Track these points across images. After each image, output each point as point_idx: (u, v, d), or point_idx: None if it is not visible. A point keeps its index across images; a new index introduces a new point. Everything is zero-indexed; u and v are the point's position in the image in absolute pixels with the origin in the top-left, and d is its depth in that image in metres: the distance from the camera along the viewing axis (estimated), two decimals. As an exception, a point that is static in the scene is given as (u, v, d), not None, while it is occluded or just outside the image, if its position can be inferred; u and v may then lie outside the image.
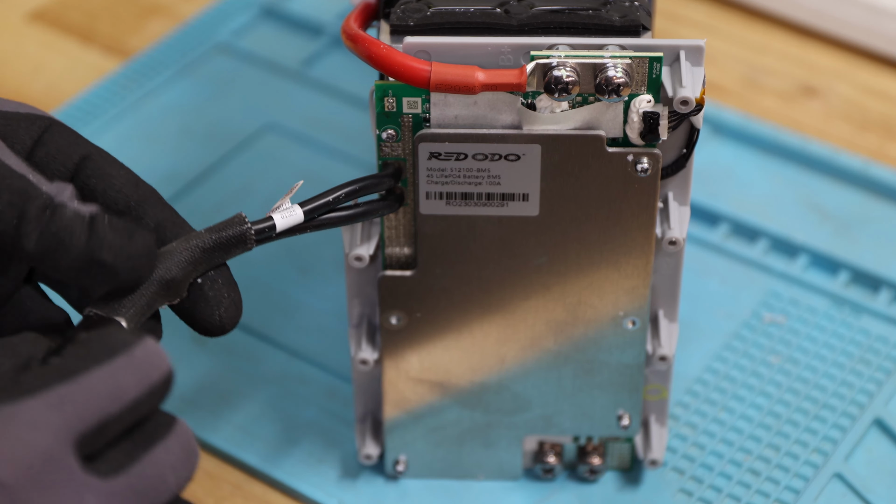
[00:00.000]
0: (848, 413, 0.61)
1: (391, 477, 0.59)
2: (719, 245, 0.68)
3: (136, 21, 0.81)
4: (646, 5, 0.51)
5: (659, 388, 0.57)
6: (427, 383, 0.56)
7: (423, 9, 0.50)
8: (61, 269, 0.43)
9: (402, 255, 0.53)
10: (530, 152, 0.50)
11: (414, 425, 0.57)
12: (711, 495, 0.58)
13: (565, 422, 0.57)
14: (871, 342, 0.64)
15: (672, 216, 0.52)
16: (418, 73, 0.48)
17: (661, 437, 0.58)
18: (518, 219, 0.52)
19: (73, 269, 0.43)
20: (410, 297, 0.54)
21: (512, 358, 0.55)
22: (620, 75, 0.48)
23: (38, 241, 0.43)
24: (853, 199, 0.71)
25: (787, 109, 0.75)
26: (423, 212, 0.52)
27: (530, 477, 0.59)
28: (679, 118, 0.50)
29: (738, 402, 0.62)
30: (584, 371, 0.55)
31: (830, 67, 0.78)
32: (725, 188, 0.71)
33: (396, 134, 0.50)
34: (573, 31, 0.50)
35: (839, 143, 0.73)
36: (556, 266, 0.53)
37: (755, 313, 0.65)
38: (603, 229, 0.52)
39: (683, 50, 0.50)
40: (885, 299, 0.66)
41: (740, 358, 0.64)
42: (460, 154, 0.50)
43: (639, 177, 0.51)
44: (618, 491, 0.59)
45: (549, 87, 0.48)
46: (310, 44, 0.79)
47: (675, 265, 0.54)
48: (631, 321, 0.54)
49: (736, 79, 0.77)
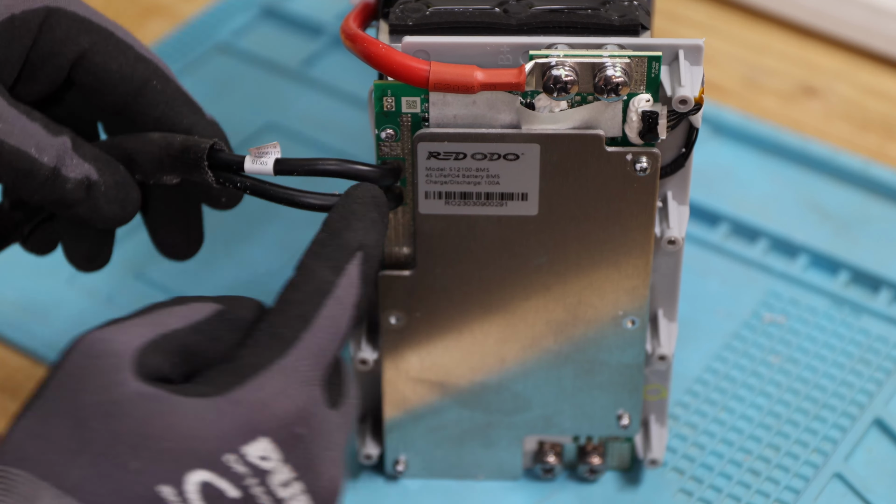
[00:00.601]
0: (848, 413, 0.61)
1: (391, 477, 0.59)
2: (719, 245, 0.68)
3: (136, 21, 0.81)
4: (645, 5, 0.51)
5: (659, 388, 0.57)
6: (427, 383, 0.56)
7: (421, 8, 0.50)
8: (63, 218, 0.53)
9: (402, 255, 0.53)
10: (529, 152, 0.50)
11: (414, 425, 0.57)
12: (711, 495, 0.58)
13: (565, 422, 0.57)
14: (871, 342, 0.64)
15: (671, 215, 0.52)
16: (417, 72, 0.48)
17: (661, 437, 0.58)
18: (517, 218, 0.52)
19: (72, 221, 0.53)
20: (410, 297, 0.54)
21: (512, 358, 0.55)
22: (619, 75, 0.48)
23: (42, 202, 0.50)
24: (853, 199, 0.71)
25: (787, 109, 0.75)
26: (422, 211, 0.52)
27: (530, 477, 0.59)
28: (678, 117, 0.50)
29: (738, 402, 0.62)
30: (584, 371, 0.55)
31: (830, 67, 0.78)
32: (725, 188, 0.71)
33: (395, 133, 0.50)
34: (572, 31, 0.50)
35: (839, 143, 0.73)
36: (555, 266, 0.53)
37: (755, 313, 0.65)
38: (602, 229, 0.52)
39: (682, 49, 0.50)
40: (885, 299, 0.66)
41: (740, 358, 0.64)
42: (459, 153, 0.50)
43: (638, 176, 0.51)
44: (618, 491, 0.59)
45: (548, 87, 0.48)
46: (310, 44, 0.79)
47: (674, 264, 0.54)
48: (630, 321, 0.54)
49: (736, 79, 0.77)
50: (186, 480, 0.41)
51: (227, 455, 0.42)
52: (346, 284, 0.45)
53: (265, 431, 0.42)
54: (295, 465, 0.43)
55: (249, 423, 0.42)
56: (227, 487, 0.42)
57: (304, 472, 0.43)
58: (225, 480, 0.42)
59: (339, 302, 0.45)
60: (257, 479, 0.42)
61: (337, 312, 0.45)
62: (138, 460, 0.41)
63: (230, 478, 0.42)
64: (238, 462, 0.42)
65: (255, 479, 0.42)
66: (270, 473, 0.42)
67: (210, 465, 0.42)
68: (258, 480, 0.42)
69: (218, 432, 0.42)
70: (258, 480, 0.42)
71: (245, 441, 0.42)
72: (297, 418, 0.43)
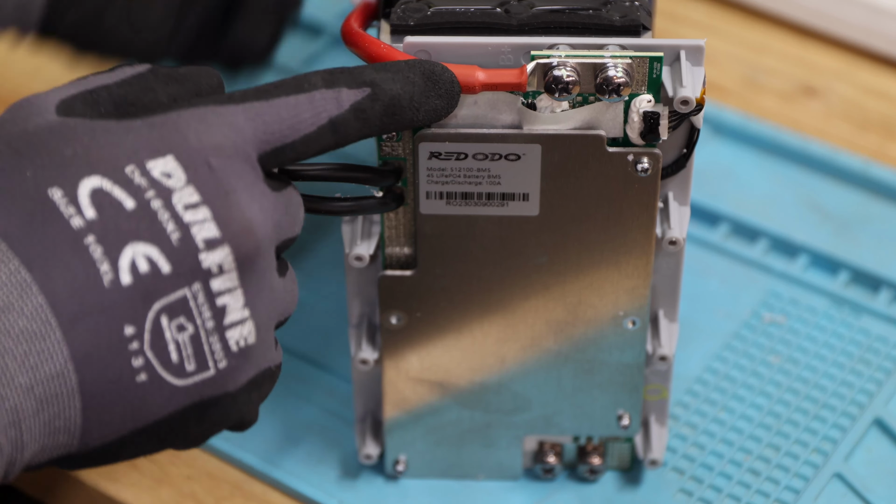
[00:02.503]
0: (848, 413, 0.61)
1: (391, 477, 0.59)
2: (719, 245, 0.68)
3: (135, 21, 0.81)
4: (646, 5, 0.51)
5: (659, 388, 0.57)
6: (427, 383, 0.56)
7: (423, 8, 0.50)
8: None
9: (402, 255, 0.53)
10: (530, 152, 0.50)
11: (414, 425, 0.57)
12: (711, 495, 0.58)
13: (565, 422, 0.57)
14: (871, 342, 0.64)
15: (672, 216, 0.52)
16: (418, 72, 0.48)
17: (661, 437, 0.58)
18: (518, 218, 0.52)
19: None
20: (410, 297, 0.54)
21: (512, 358, 0.55)
22: (621, 75, 0.48)
23: None
24: (853, 199, 0.71)
25: (787, 109, 0.75)
26: (423, 211, 0.52)
27: (530, 477, 0.59)
28: (679, 118, 0.50)
29: (738, 402, 0.62)
30: (585, 371, 0.55)
31: (830, 67, 0.78)
32: (725, 188, 0.71)
33: (396, 133, 0.50)
34: (573, 31, 0.50)
35: (839, 143, 0.73)
36: (556, 266, 0.53)
37: (755, 313, 0.65)
38: (603, 229, 0.52)
39: (684, 50, 0.50)
40: (885, 299, 0.66)
41: (740, 358, 0.64)
42: (460, 154, 0.50)
43: (639, 177, 0.51)
44: (618, 491, 0.59)
45: (550, 87, 0.48)
46: (310, 44, 0.79)
47: (675, 265, 0.54)
48: (631, 321, 0.54)
49: (736, 79, 0.77)
50: (80, 185, 0.41)
51: (128, 166, 0.42)
52: (330, 97, 0.45)
53: (172, 149, 0.42)
54: (201, 190, 0.42)
55: (159, 141, 0.42)
56: (124, 197, 0.41)
57: (212, 200, 0.42)
58: (121, 189, 0.41)
59: (312, 102, 0.45)
60: (158, 194, 0.41)
61: (303, 109, 0.45)
62: (35, 168, 0.41)
63: (128, 189, 0.41)
64: (139, 174, 0.41)
65: (154, 193, 0.41)
66: (174, 192, 0.42)
67: (108, 174, 0.41)
68: (159, 196, 0.41)
69: (123, 145, 0.42)
70: (159, 196, 0.41)
71: (150, 156, 0.42)
72: (213, 150, 0.43)
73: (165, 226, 0.42)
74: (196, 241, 0.42)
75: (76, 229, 0.41)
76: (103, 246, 0.41)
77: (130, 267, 0.41)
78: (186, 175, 0.42)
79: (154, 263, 0.41)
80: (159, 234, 0.41)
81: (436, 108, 0.47)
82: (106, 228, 0.41)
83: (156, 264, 0.41)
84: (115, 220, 0.41)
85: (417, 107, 0.47)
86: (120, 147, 0.42)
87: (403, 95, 0.46)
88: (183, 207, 0.42)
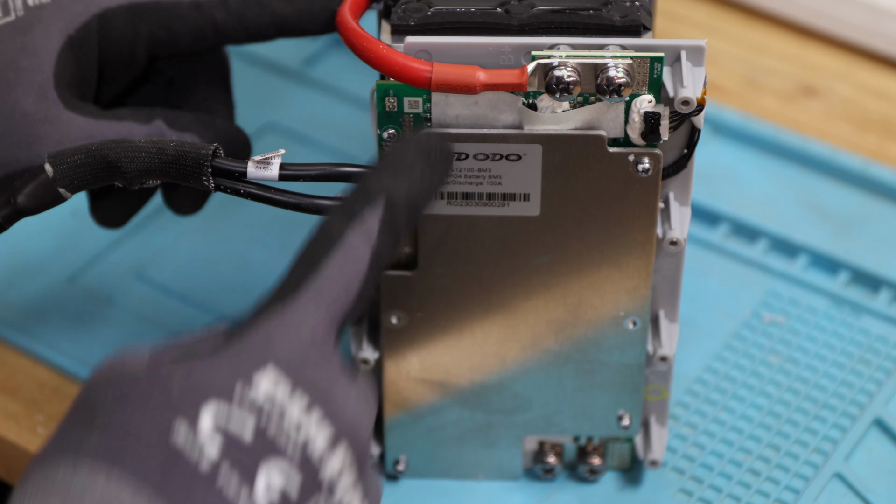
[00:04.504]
0: (848, 413, 0.61)
1: (391, 477, 0.59)
2: (719, 245, 0.68)
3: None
4: (646, 5, 0.51)
5: (659, 389, 0.57)
6: (427, 383, 0.56)
7: (423, 9, 0.50)
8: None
9: (403, 255, 0.53)
10: (531, 152, 0.50)
11: (414, 425, 0.57)
12: (711, 495, 0.58)
13: (565, 422, 0.57)
14: (871, 342, 0.64)
15: (673, 216, 0.52)
16: (419, 73, 0.48)
17: (662, 438, 0.58)
18: (519, 219, 0.52)
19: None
20: (411, 297, 0.54)
21: (512, 358, 0.55)
22: (621, 75, 0.48)
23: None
24: (853, 199, 0.71)
25: (787, 109, 0.75)
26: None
27: (530, 477, 0.59)
28: (680, 118, 0.50)
29: (738, 402, 0.62)
30: (585, 371, 0.55)
31: (830, 67, 0.78)
32: (725, 188, 0.71)
33: (397, 134, 0.50)
34: (574, 31, 0.50)
35: (839, 143, 0.73)
36: (556, 266, 0.53)
37: (755, 313, 0.65)
38: (604, 229, 0.52)
39: (684, 50, 0.50)
40: (885, 299, 0.66)
41: (740, 358, 0.64)
42: (461, 154, 0.50)
43: (640, 177, 0.51)
44: (618, 491, 0.59)
45: (551, 87, 0.48)
46: (310, 44, 0.79)
47: (675, 265, 0.54)
48: (632, 321, 0.54)
49: (736, 79, 0.77)
50: (202, 414, 0.40)
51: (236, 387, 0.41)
52: (359, 233, 0.44)
53: (267, 362, 0.42)
54: (310, 395, 0.42)
55: (256, 357, 0.42)
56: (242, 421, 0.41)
57: (320, 404, 0.42)
58: (238, 411, 0.41)
59: (350, 250, 0.44)
60: (272, 411, 0.41)
61: (347, 262, 0.44)
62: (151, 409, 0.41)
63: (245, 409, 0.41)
64: (249, 393, 0.41)
65: (268, 410, 0.41)
66: (286, 405, 0.41)
67: (221, 397, 0.41)
68: (273, 412, 0.41)
69: (228, 368, 0.42)
70: (273, 412, 0.41)
71: (252, 372, 0.42)
72: (303, 352, 0.43)
73: (287, 443, 0.41)
74: (317, 450, 0.42)
75: (205, 472, 0.40)
76: (236, 477, 0.40)
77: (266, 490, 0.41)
78: (291, 385, 0.42)
79: (285, 483, 0.41)
80: (282, 452, 0.41)
81: (441, 178, 0.48)
82: (233, 460, 0.40)
83: (286, 485, 0.41)
84: (239, 447, 0.41)
85: (429, 192, 0.47)
86: (225, 370, 0.42)
87: (418, 185, 0.46)
88: (296, 419, 0.41)
